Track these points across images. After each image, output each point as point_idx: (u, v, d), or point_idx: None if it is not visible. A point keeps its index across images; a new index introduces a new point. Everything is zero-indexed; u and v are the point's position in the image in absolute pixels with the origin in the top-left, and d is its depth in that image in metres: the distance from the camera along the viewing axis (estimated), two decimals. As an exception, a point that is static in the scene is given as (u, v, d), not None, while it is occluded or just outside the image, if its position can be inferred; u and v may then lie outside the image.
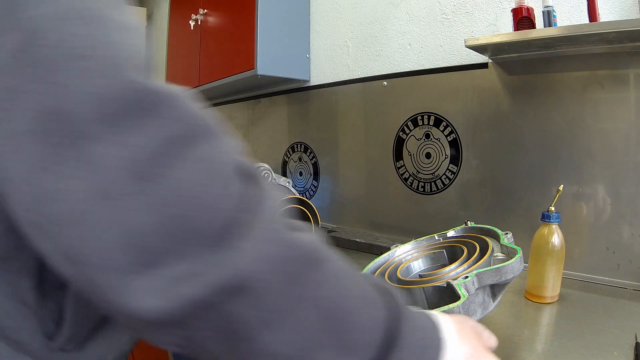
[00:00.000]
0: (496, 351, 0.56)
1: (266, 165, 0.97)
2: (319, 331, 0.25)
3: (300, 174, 1.56)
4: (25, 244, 0.25)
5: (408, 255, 0.68)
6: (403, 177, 1.18)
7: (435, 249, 0.68)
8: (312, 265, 0.26)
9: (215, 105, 2.14)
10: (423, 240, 0.72)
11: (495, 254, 0.58)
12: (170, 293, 0.22)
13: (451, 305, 0.45)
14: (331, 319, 0.26)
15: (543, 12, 0.81)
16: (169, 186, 0.22)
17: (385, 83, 1.23)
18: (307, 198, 1.36)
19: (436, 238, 0.71)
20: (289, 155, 1.59)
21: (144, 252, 0.22)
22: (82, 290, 0.24)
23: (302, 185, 1.55)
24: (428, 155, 1.13)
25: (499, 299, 0.54)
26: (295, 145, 1.56)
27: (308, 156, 1.51)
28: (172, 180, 0.23)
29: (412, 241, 0.73)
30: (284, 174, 1.62)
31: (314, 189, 1.50)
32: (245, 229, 0.24)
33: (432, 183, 1.12)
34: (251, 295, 0.23)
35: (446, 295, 0.49)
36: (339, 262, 0.28)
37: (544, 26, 0.82)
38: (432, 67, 1.12)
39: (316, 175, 1.49)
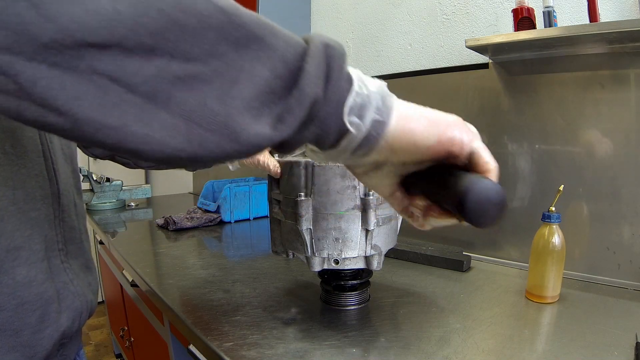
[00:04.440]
0: (497, 351, 0.57)
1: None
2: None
3: (301, 174, 1.56)
4: None
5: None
6: (404, 177, 1.18)
7: None
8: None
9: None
10: None
11: None
12: None
13: None
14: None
15: (543, 12, 0.82)
16: None
17: (386, 83, 1.23)
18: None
19: None
20: (289, 156, 1.60)
21: None
22: None
23: (303, 186, 1.55)
24: (428, 156, 1.13)
25: None
26: (296, 146, 1.56)
27: (309, 156, 1.51)
28: None
29: None
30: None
31: (314, 189, 1.50)
32: None
33: (433, 183, 1.12)
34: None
35: None
36: None
37: (545, 26, 0.82)
38: (432, 67, 1.12)
39: (317, 175, 1.49)
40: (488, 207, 0.28)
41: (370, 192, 0.59)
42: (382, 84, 0.32)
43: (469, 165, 0.32)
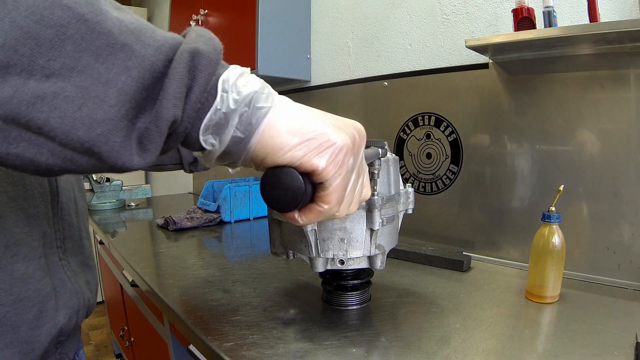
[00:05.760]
0: (497, 351, 0.57)
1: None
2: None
3: (301, 174, 1.56)
4: None
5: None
6: (404, 177, 1.18)
7: None
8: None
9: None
10: None
11: None
12: None
13: None
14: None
15: (543, 12, 0.82)
16: None
17: (386, 83, 1.23)
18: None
19: None
20: (289, 156, 1.59)
21: None
22: None
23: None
24: (429, 156, 1.13)
25: None
26: (296, 146, 1.56)
27: (309, 156, 1.51)
28: None
29: None
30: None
31: (314, 189, 1.50)
32: None
33: (433, 183, 1.12)
34: None
35: None
36: None
37: (545, 26, 0.82)
38: (432, 67, 1.12)
39: (317, 175, 1.49)
40: (268, 188, 0.32)
41: (375, 193, 0.59)
42: (257, 94, 0.29)
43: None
